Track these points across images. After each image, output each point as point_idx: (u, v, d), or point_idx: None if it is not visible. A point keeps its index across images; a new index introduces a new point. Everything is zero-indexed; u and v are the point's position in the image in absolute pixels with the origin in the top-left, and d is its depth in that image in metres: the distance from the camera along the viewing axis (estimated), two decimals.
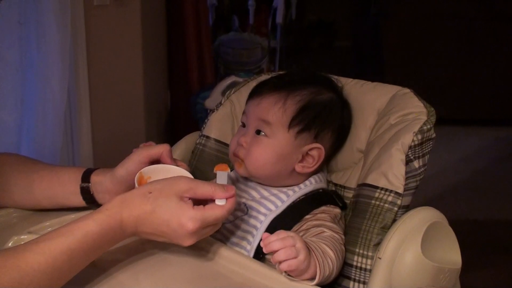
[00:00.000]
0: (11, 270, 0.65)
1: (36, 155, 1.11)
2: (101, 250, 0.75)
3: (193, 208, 0.75)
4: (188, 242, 0.76)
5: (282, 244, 0.74)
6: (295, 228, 0.88)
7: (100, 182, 0.90)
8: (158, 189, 0.77)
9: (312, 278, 0.77)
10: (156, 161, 0.89)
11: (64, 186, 0.92)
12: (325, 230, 0.85)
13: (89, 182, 0.91)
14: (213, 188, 0.78)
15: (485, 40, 3.60)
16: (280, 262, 0.74)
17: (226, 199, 0.78)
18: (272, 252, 0.74)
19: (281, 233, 0.75)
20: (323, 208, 0.91)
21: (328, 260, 0.79)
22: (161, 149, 0.89)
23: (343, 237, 0.88)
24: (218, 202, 0.78)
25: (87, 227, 0.72)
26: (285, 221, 0.88)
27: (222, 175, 0.85)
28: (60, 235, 0.70)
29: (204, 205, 0.77)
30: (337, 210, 0.92)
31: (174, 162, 0.91)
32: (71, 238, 0.70)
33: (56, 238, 0.70)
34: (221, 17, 3.92)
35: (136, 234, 0.77)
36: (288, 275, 0.76)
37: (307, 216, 0.89)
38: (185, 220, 0.74)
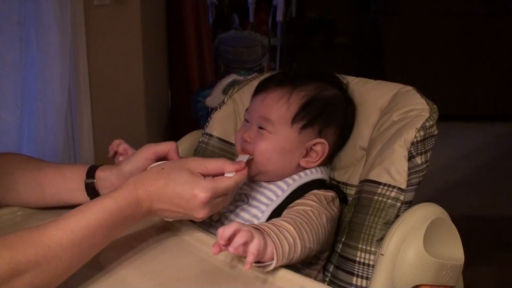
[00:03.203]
0: (36, 244, 0.67)
1: (37, 155, 1.11)
2: (119, 228, 0.77)
3: (204, 180, 0.79)
4: (201, 213, 0.79)
5: (234, 231, 0.70)
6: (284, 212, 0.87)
7: (106, 177, 0.91)
8: (170, 166, 0.82)
9: (272, 258, 0.74)
10: (162, 158, 0.91)
11: (68, 183, 0.92)
12: (297, 207, 0.86)
13: (93, 178, 0.92)
14: (223, 162, 0.83)
15: (486, 37, 3.59)
16: (244, 252, 0.70)
17: (236, 172, 0.82)
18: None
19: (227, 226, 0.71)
20: (314, 191, 0.90)
21: (286, 233, 0.77)
22: (168, 146, 0.92)
23: (327, 215, 0.86)
24: (228, 174, 0.82)
25: (104, 203, 0.75)
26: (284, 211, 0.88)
27: (242, 157, 0.89)
28: (79, 211, 0.73)
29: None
30: (330, 193, 0.91)
31: (180, 159, 0.91)
32: (90, 214, 0.73)
33: (75, 215, 0.73)
34: (221, 15, 3.91)
35: (152, 213, 0.80)
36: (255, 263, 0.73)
37: (297, 201, 0.89)
38: (197, 190, 0.77)
